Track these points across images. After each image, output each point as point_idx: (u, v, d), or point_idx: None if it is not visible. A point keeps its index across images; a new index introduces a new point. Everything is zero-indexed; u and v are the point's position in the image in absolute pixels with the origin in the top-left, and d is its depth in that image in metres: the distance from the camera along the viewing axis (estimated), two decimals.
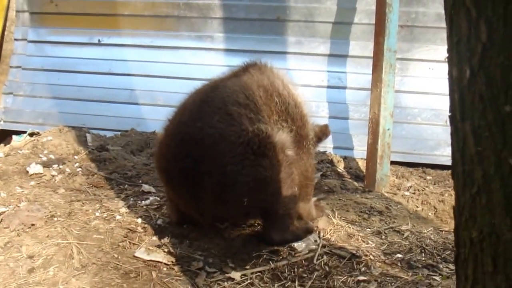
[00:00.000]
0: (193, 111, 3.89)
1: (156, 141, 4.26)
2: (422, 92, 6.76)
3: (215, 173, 3.70)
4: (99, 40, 7.68)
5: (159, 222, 4.32)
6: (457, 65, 1.97)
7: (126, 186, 5.17)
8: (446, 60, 2.07)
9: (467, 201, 2.03)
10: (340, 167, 6.21)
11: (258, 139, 3.70)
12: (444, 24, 6.12)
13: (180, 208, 4.13)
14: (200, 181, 3.74)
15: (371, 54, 6.00)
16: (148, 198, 4.81)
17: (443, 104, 6.50)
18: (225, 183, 3.71)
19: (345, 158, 6.42)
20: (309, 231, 4.11)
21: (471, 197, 2.00)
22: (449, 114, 2.08)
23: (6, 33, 7.88)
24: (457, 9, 1.95)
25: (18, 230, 4.04)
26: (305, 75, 6.97)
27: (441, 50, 6.63)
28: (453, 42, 2.00)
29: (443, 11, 6.19)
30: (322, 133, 4.57)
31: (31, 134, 6.86)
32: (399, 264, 3.84)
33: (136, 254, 3.79)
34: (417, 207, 5.18)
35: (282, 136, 3.88)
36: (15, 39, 7.97)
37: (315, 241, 4.05)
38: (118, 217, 4.38)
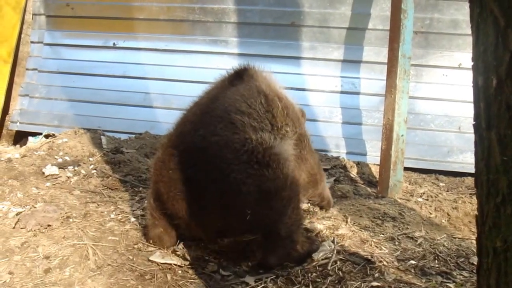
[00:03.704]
0: (195, 122, 3.77)
1: (155, 155, 4.08)
2: (435, 99, 6.75)
3: (219, 182, 3.55)
4: (114, 44, 7.71)
5: None
6: (483, 74, 1.96)
7: (140, 188, 5.19)
8: (471, 67, 2.06)
9: (491, 210, 2.01)
10: (353, 172, 6.21)
11: (262, 148, 3.60)
12: (458, 31, 6.15)
13: (176, 225, 3.94)
14: (204, 191, 3.60)
15: (385, 60, 6.01)
16: None
17: (457, 110, 6.52)
18: (229, 192, 3.56)
19: (358, 163, 6.42)
20: (310, 255, 3.92)
21: (495, 207, 1.98)
22: (473, 123, 2.07)
23: (22, 35, 7.93)
24: (484, 17, 1.93)
25: (34, 230, 4.08)
26: (319, 80, 7.00)
27: (456, 57, 6.65)
28: (479, 51, 1.99)
29: (458, 17, 6.20)
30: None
31: (47, 136, 6.90)
32: (412, 270, 3.81)
33: (151, 258, 3.79)
34: (430, 213, 5.15)
35: (285, 148, 3.80)
36: (32, 42, 8.03)
37: (329, 246, 4.03)
38: (132, 219, 4.41)
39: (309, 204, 4.85)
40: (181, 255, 3.87)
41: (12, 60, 7.73)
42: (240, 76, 4.08)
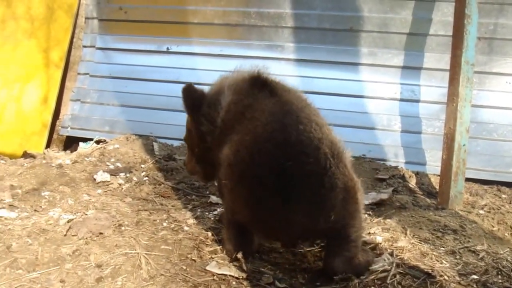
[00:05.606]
0: (285, 121, 3.60)
1: (231, 151, 3.88)
2: (498, 107, 6.62)
3: (318, 175, 3.43)
4: (167, 48, 7.67)
5: None
6: None
7: (193, 196, 5.14)
8: None
9: None
10: (412, 182, 6.07)
11: (338, 149, 3.56)
12: None
13: (254, 231, 3.84)
14: (300, 184, 3.44)
15: (446, 67, 5.91)
16: (215, 210, 4.77)
17: None
18: (325, 186, 3.43)
19: (417, 173, 6.29)
20: (369, 265, 3.79)
21: None
22: None
23: (74, 39, 7.95)
24: None
25: (86, 238, 4.02)
26: (378, 87, 6.91)
27: None
28: None
29: None
30: None
31: (98, 142, 6.89)
32: (474, 285, 3.66)
33: (207, 268, 3.70)
34: (493, 226, 5.01)
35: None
36: (84, 46, 8.03)
37: (388, 259, 3.90)
38: (186, 228, 4.33)
39: (365, 215, 4.75)
40: (237, 266, 3.76)
41: (63, 64, 7.73)
42: (264, 84, 4.08)
